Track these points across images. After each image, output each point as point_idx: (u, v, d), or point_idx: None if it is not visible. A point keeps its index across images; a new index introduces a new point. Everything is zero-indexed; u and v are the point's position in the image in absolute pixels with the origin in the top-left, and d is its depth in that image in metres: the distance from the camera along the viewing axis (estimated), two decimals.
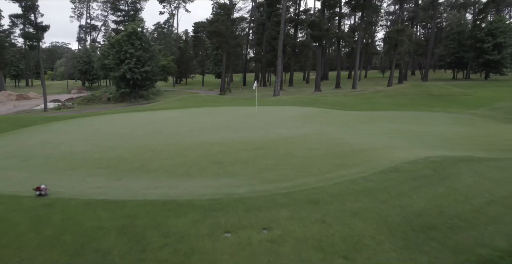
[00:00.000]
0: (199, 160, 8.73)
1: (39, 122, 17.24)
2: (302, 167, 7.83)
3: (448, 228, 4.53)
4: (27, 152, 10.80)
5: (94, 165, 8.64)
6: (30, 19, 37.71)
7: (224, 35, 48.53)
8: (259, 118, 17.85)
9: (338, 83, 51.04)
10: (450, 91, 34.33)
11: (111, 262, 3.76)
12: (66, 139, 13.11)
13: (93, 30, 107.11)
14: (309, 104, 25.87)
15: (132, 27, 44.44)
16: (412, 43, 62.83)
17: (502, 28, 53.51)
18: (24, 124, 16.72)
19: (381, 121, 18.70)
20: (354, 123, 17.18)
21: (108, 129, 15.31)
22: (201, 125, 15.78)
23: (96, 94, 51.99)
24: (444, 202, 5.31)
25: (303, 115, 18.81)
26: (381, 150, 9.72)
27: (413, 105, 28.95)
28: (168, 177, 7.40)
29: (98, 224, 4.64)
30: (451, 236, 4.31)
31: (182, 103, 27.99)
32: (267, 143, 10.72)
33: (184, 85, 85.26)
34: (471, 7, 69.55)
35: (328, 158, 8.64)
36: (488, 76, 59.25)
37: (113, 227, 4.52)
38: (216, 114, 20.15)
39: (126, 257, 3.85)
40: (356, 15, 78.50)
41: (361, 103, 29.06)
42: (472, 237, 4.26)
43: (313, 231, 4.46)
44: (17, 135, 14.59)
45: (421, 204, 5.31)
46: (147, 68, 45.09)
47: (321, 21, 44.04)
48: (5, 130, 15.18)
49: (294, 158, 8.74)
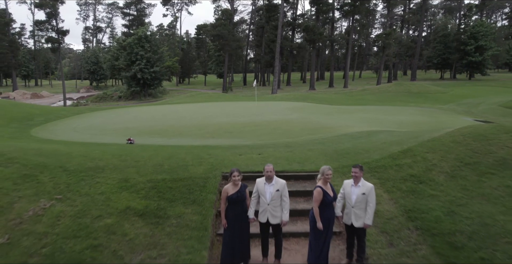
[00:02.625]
0: (217, 131, 12.93)
1: (86, 112, 21.47)
2: (284, 134, 12.02)
3: (355, 153, 8.69)
4: (107, 126, 15.03)
5: (152, 132, 12.91)
6: (52, 24, 41.88)
7: (226, 38, 52.75)
8: (257, 109, 22.04)
9: (332, 83, 55.26)
10: (428, 89, 38.55)
11: (187, 163, 7.89)
12: (123, 120, 17.51)
13: (98, 32, 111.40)
14: (301, 100, 30.06)
15: (143, 31, 48.61)
16: (403, 46, 67.16)
17: (484, 32, 57.83)
18: (77, 112, 20.95)
19: (358, 112, 22.87)
20: (334, 113, 21.37)
21: (145, 115, 19.69)
22: (213, 113, 19.99)
23: (107, 93, 56.10)
24: (359, 145, 9.50)
25: (293, 107, 23.01)
26: (343, 127, 13.93)
27: (393, 101, 33.16)
28: (199, 138, 11.59)
29: (173, 151, 8.79)
30: (356, 156, 8.46)
31: (193, 99, 32.16)
32: (263, 123, 14.91)
33: (187, 85, 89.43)
34: (457, 12, 73.74)
35: (303, 130, 12.84)
36: (473, 76, 63.55)
37: (183, 152, 8.67)
38: (223, 107, 24.36)
39: (195, 160, 7.99)
40: (352, 18, 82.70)
41: (347, 99, 33.26)
42: (367, 156, 8.39)
43: (285, 154, 8.63)
44: (84, 118, 18.87)
45: (347, 146, 9.48)
46: (156, 69, 49.30)
47: (315, 25, 48.23)
48: (66, 116, 19.38)
49: (281, 130, 12.94)
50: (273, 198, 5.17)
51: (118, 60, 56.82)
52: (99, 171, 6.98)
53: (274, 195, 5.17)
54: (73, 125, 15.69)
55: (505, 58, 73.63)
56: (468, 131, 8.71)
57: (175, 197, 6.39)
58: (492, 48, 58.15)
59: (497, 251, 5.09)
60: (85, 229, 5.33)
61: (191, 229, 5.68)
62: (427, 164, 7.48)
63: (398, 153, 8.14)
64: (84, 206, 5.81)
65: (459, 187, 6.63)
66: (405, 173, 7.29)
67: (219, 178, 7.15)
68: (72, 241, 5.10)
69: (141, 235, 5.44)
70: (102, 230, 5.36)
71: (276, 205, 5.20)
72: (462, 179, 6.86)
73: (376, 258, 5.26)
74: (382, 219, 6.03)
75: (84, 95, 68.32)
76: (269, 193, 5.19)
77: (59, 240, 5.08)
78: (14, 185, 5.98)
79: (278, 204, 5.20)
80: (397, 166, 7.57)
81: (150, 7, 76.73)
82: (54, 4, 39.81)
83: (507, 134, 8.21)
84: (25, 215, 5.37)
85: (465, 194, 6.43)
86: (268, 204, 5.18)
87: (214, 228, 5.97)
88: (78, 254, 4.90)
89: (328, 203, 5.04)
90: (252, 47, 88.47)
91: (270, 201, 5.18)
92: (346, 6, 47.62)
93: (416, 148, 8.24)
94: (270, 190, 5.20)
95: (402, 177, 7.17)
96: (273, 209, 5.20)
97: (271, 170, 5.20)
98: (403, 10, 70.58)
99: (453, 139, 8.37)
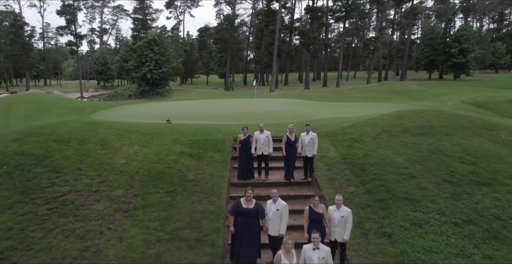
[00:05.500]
0: (227, 116, 17.42)
1: (117, 105, 26.00)
2: (276, 119, 16.51)
3: (320, 126, 13.15)
4: (143, 114, 19.49)
5: (179, 117, 17.36)
6: (71, 29, 46.39)
7: (228, 41, 57.27)
8: (256, 104, 26.53)
9: (325, 83, 59.76)
10: (410, 88, 43.04)
11: (211, 132, 12.33)
12: (152, 110, 22.05)
13: (104, 34, 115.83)
14: (295, 97, 34.56)
15: (152, 35, 53.11)
16: (393, 48, 71.67)
17: (467, 36, 62.34)
18: (109, 106, 25.53)
19: (340, 107, 27.32)
20: (319, 107, 25.85)
21: (166, 108, 24.20)
22: (220, 106, 24.48)
23: (118, 91, 60.64)
24: (324, 123, 13.97)
25: (286, 103, 27.51)
26: (321, 115, 18.41)
27: (376, 98, 37.63)
28: (215, 120, 16.07)
29: (200, 126, 13.25)
30: (320, 128, 12.89)
31: (201, 96, 36.68)
32: (261, 113, 19.40)
33: (190, 85, 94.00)
34: (444, 16, 78.25)
35: (290, 116, 17.33)
36: (458, 76, 68.04)
37: (208, 127, 13.14)
38: (227, 102, 28.85)
39: (216, 130, 12.45)
40: (343, 23, 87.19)
41: (336, 97, 37.76)
42: (326, 128, 12.80)
43: (274, 127, 13.10)
44: (119, 110, 23.40)
45: (316, 124, 13.93)
46: (164, 70, 53.79)
47: (309, 30, 52.73)
48: (103, 108, 23.91)
49: (274, 116, 17.44)
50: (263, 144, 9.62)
51: (128, 61, 61.10)
52: (159, 134, 11.46)
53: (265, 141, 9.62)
54: (117, 113, 20.16)
55: (490, 59, 78.05)
56: (394, 113, 13.20)
57: (207, 148, 10.86)
58: (475, 51, 62.57)
59: (384, 171, 9.54)
60: (161, 160, 9.79)
61: (218, 163, 10.15)
62: (362, 132, 11.94)
63: (346, 126, 12.62)
64: (157, 150, 10.29)
65: (375, 143, 11.09)
66: (347, 137, 11.75)
67: (231, 139, 11.60)
68: (156, 165, 9.56)
69: (191, 164, 9.90)
70: (170, 161, 9.82)
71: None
72: (379, 139, 11.32)
73: (320, 175, 9.72)
74: (327, 159, 10.49)
75: (94, 94, 72.70)
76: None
77: (149, 164, 9.55)
78: (117, 138, 10.48)
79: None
80: (343, 133, 12.04)
81: (157, 12, 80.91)
82: (74, 11, 44.31)
83: (417, 115, 12.70)
84: (130, 152, 9.86)
85: (378, 146, 10.88)
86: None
87: (231, 163, 10.42)
88: (161, 170, 9.36)
89: (291, 143, 9.50)
90: (252, 49, 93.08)
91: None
92: (338, 12, 52.15)
93: (358, 123, 12.72)
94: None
95: (345, 139, 11.63)
96: (265, 146, 9.64)
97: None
98: (394, 14, 75.12)
99: (383, 118, 12.85)
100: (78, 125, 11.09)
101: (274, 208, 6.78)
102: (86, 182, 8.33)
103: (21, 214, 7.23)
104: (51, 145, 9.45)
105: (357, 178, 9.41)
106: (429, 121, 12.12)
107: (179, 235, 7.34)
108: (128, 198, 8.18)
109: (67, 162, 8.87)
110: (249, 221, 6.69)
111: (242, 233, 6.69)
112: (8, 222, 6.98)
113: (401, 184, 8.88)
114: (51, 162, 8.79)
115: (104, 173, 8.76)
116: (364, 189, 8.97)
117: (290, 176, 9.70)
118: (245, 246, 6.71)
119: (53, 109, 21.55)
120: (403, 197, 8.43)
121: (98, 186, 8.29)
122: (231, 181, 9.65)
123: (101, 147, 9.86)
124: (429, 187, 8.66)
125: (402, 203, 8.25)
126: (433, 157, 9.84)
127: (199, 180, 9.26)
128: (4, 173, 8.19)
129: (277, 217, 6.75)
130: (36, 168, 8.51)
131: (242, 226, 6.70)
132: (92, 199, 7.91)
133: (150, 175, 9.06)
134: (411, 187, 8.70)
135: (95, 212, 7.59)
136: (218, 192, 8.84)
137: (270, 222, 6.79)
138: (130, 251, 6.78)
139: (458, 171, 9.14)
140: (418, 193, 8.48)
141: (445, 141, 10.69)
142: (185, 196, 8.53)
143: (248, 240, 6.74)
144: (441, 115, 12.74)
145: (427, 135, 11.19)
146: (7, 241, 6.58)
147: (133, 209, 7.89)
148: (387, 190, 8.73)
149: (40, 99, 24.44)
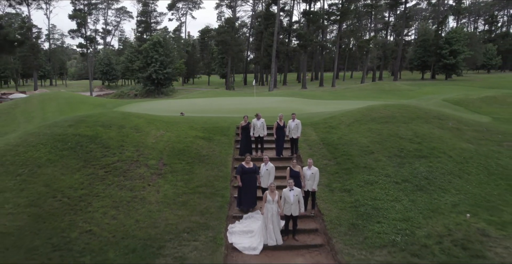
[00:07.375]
0: (229, 111, 20.41)
1: (131, 103, 28.99)
2: (271, 113, 19.49)
3: (306, 118, 16.10)
4: (156, 109, 22.47)
5: (190, 111, 20.30)
6: (82, 32, 49.41)
7: (229, 43, 60.26)
8: (255, 101, 29.51)
9: (322, 82, 62.73)
10: (399, 88, 46.01)
11: (218, 121, 15.30)
12: (164, 107, 24.92)
13: (107, 35, 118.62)
14: (291, 96, 37.55)
15: (157, 37, 56.10)
16: (387, 49, 74.62)
17: (457, 38, 65.33)
18: (126, 103, 28.60)
19: (330, 104, 30.26)
20: (311, 104, 28.82)
21: (176, 104, 27.10)
22: (223, 103, 27.47)
23: (124, 91, 63.62)
24: (310, 115, 16.94)
25: (283, 100, 30.50)
26: (309, 110, 21.38)
27: (366, 97, 40.59)
28: (220, 113, 19.06)
29: (209, 117, 16.24)
30: (306, 119, 15.86)
31: (204, 95, 39.70)
32: (260, 108, 22.39)
33: (192, 85, 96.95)
34: (436, 19, 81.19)
35: (284, 111, 20.31)
36: (450, 77, 71.03)
37: (215, 118, 16.13)
38: (229, 100, 31.84)
39: (222, 120, 15.43)
40: (339, 25, 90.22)
41: (329, 96, 40.73)
42: (310, 119, 15.77)
43: (268, 111, 16.07)
44: (134, 106, 26.41)
45: (303, 117, 16.90)
46: (168, 70, 56.79)
47: (306, 32, 55.71)
48: (121, 105, 26.92)
49: (269, 111, 20.42)
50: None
51: (133, 62, 63.98)
52: (177, 123, 14.45)
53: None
54: (134, 109, 23.14)
55: (482, 60, 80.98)
56: (367, 107, 16.18)
57: (216, 133, 13.85)
58: (465, 52, 65.54)
59: (351, 149, 12.51)
60: (181, 141, 12.76)
61: (225, 144, 13.13)
62: (339, 121, 14.91)
63: (327, 117, 15.60)
64: (178, 133, 13.27)
65: (348, 129, 14.05)
66: (326, 125, 14.72)
67: (234, 127, 14.56)
68: (177, 144, 12.53)
69: (204, 144, 12.88)
70: (188, 141, 12.80)
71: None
72: (352, 126, 14.28)
73: (303, 152, 12.68)
74: (310, 141, 13.46)
75: (100, 93, 75.63)
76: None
77: (173, 144, 12.52)
78: (147, 125, 13.47)
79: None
80: (324, 122, 15.01)
81: (162, 15, 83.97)
82: (85, 15, 47.31)
83: (384, 108, 15.68)
84: (158, 135, 12.86)
85: (349, 131, 13.85)
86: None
87: (234, 144, 13.38)
88: (182, 148, 12.32)
89: (280, 127, 12.48)
90: (252, 50, 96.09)
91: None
92: (333, 15, 55.15)
93: (337, 115, 15.70)
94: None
95: (325, 126, 14.60)
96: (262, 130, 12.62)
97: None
98: (388, 16, 78.07)
99: (358, 110, 15.84)
100: (115, 115, 14.08)
101: (265, 168, 9.77)
102: (128, 155, 11.32)
103: (87, 174, 10.23)
104: (98, 129, 12.45)
105: (330, 154, 12.38)
106: (393, 112, 15.11)
107: (198, 190, 10.32)
108: (160, 166, 11.16)
109: (112, 141, 11.86)
110: (250, 176, 9.71)
111: (246, 186, 9.67)
112: (80, 179, 9.98)
113: (362, 158, 11.85)
114: (101, 140, 11.79)
115: (140, 149, 11.75)
116: (335, 161, 11.94)
117: (280, 153, 12.69)
118: (247, 196, 9.72)
119: (80, 104, 24.63)
120: (362, 166, 11.40)
121: (138, 158, 11.28)
122: (234, 156, 12.64)
123: (135, 130, 12.85)
124: (383, 159, 11.63)
125: (361, 170, 11.22)
126: (390, 139, 12.82)
127: (211, 155, 12.25)
128: (69, 148, 11.19)
129: (267, 175, 9.75)
130: (90, 145, 11.50)
131: (246, 181, 9.69)
132: (135, 166, 10.90)
133: (174, 151, 12.05)
134: (369, 160, 11.68)
135: (138, 174, 10.57)
136: (225, 163, 11.82)
137: (262, 178, 9.80)
138: (165, 198, 9.77)
139: (406, 148, 12.12)
140: (374, 164, 11.45)
141: (401, 128, 13.68)
142: (201, 166, 11.52)
143: (249, 194, 9.76)
144: (404, 108, 15.74)
145: (389, 123, 14.17)
146: (82, 190, 9.58)
147: (164, 173, 10.87)
148: (351, 162, 11.70)
149: (67, 96, 27.62)
